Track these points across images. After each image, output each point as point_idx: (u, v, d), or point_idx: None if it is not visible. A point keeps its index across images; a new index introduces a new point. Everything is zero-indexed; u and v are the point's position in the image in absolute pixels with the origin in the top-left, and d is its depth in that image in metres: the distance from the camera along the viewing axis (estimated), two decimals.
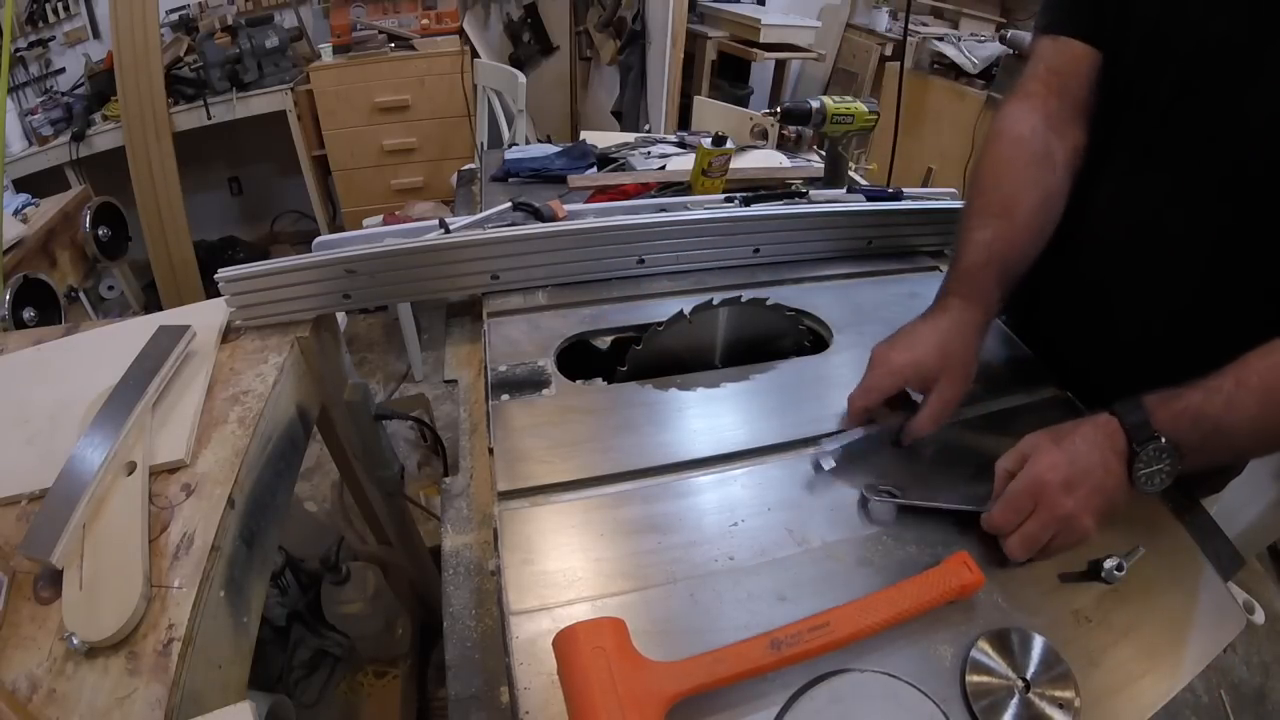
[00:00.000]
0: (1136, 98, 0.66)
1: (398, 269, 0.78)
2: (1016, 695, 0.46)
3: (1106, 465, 0.55)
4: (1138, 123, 0.66)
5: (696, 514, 0.57)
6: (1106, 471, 0.55)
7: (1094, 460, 0.55)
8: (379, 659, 1.23)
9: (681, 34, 2.49)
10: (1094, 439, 0.56)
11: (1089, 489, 0.54)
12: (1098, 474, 0.55)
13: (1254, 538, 1.51)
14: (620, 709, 0.39)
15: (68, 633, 0.48)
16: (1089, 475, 0.55)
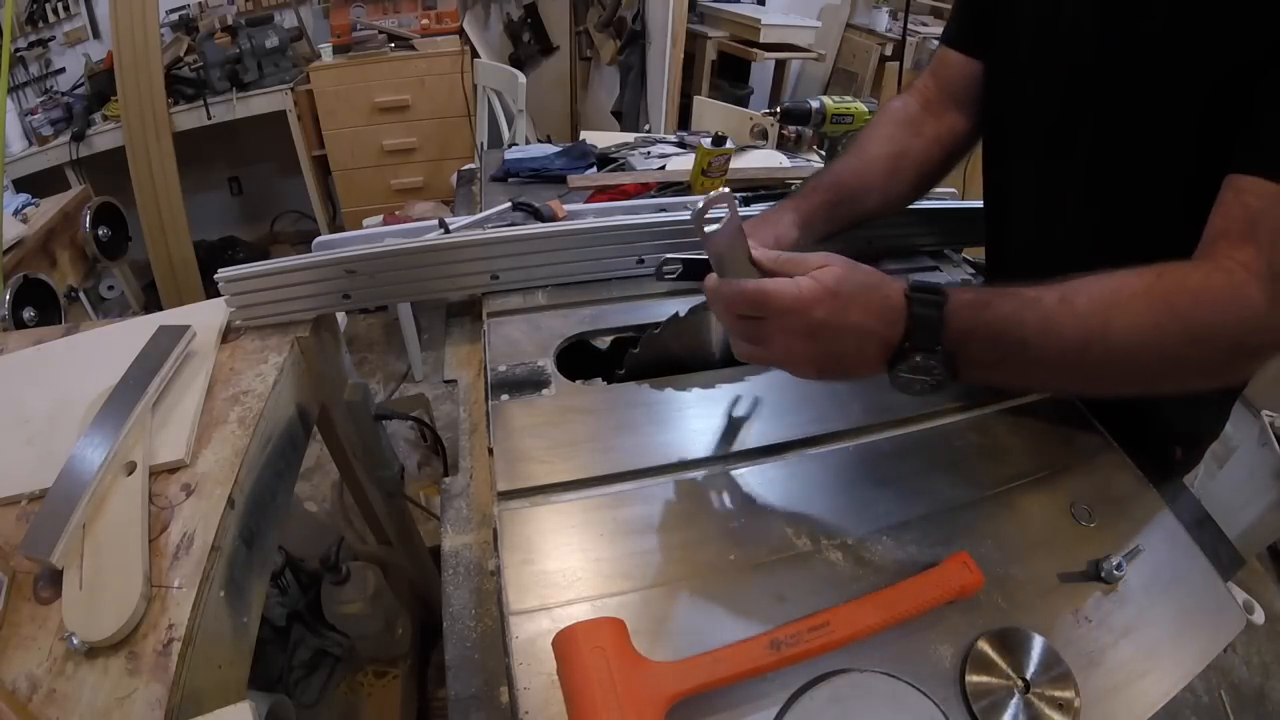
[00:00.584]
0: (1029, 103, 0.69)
1: (398, 269, 0.78)
2: (1016, 695, 0.46)
3: (863, 344, 0.50)
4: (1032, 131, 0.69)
5: (696, 514, 0.57)
6: (859, 348, 0.50)
7: (858, 333, 0.50)
8: (379, 659, 1.23)
9: (681, 34, 2.49)
10: (874, 312, 0.50)
11: (826, 352, 0.50)
12: (849, 345, 0.50)
13: (1254, 538, 1.52)
14: (620, 709, 0.39)
15: (68, 633, 0.48)
16: (840, 341, 0.50)
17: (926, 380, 0.51)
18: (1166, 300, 0.47)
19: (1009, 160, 0.76)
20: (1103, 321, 0.48)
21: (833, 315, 0.49)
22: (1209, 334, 0.47)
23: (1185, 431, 0.73)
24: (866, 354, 0.51)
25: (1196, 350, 0.48)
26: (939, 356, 0.49)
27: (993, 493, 0.60)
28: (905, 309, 0.50)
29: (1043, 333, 0.49)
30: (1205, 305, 0.47)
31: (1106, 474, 0.63)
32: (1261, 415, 1.51)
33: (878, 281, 0.51)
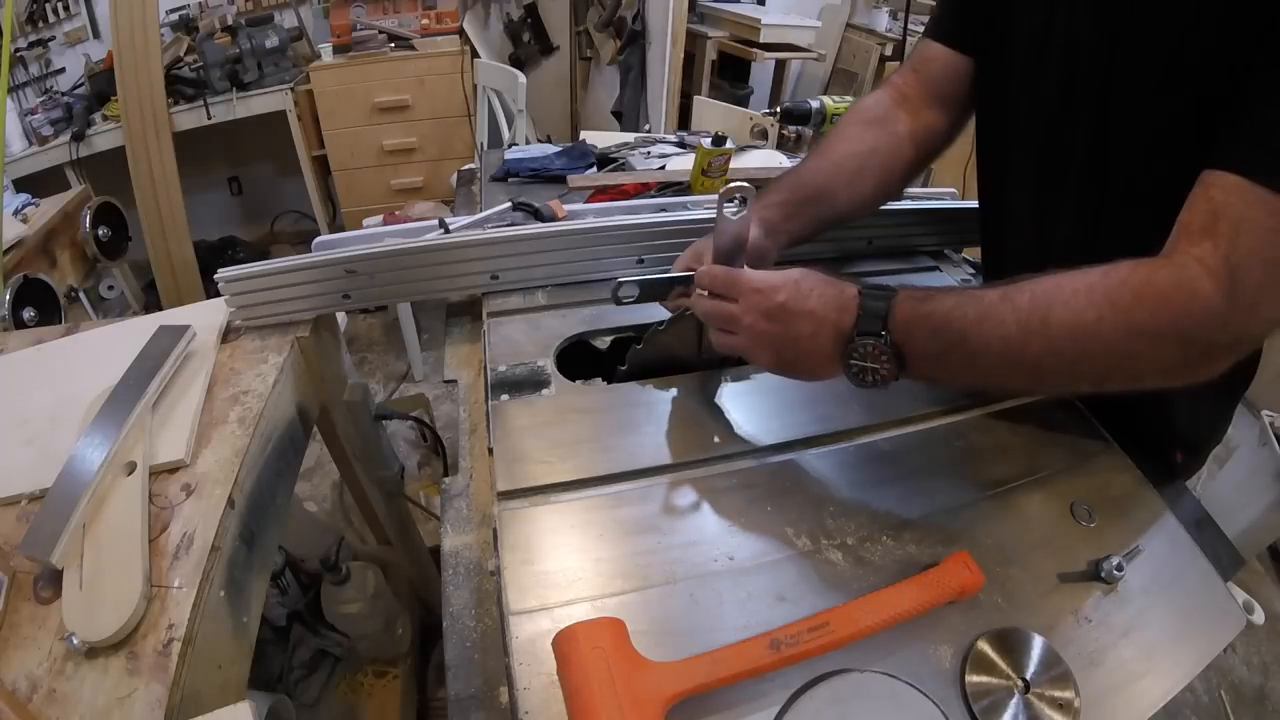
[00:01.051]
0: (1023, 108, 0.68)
1: (398, 269, 0.78)
2: (1016, 695, 0.46)
3: (817, 330, 0.54)
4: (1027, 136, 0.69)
5: (696, 514, 0.57)
6: (813, 335, 0.54)
7: (813, 319, 0.54)
8: (379, 659, 1.23)
9: (681, 34, 2.49)
10: (829, 302, 0.54)
11: (782, 335, 0.55)
12: (804, 329, 0.54)
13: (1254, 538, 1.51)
14: (620, 709, 0.39)
15: (68, 633, 0.48)
16: (796, 324, 0.54)
17: (876, 370, 0.53)
18: (1108, 295, 0.47)
19: (1005, 165, 0.75)
20: (1043, 316, 0.48)
21: (792, 299, 0.54)
22: (1152, 328, 0.47)
23: (1185, 434, 0.73)
24: (820, 341, 0.54)
25: (1140, 345, 0.47)
26: (886, 346, 0.52)
27: (993, 493, 0.60)
28: (857, 300, 0.54)
29: (981, 324, 0.50)
30: (1148, 300, 0.46)
31: (1106, 474, 0.63)
32: (1262, 415, 1.51)
33: (838, 282, 0.56)
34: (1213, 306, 0.45)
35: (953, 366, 0.52)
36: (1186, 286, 0.46)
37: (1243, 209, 0.45)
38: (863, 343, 0.52)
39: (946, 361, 0.52)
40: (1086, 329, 0.47)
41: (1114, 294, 0.47)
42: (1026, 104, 0.68)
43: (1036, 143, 0.68)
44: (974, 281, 0.94)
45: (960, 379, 0.54)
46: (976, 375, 0.53)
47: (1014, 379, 0.53)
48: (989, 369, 0.51)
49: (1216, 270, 0.45)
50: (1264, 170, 0.45)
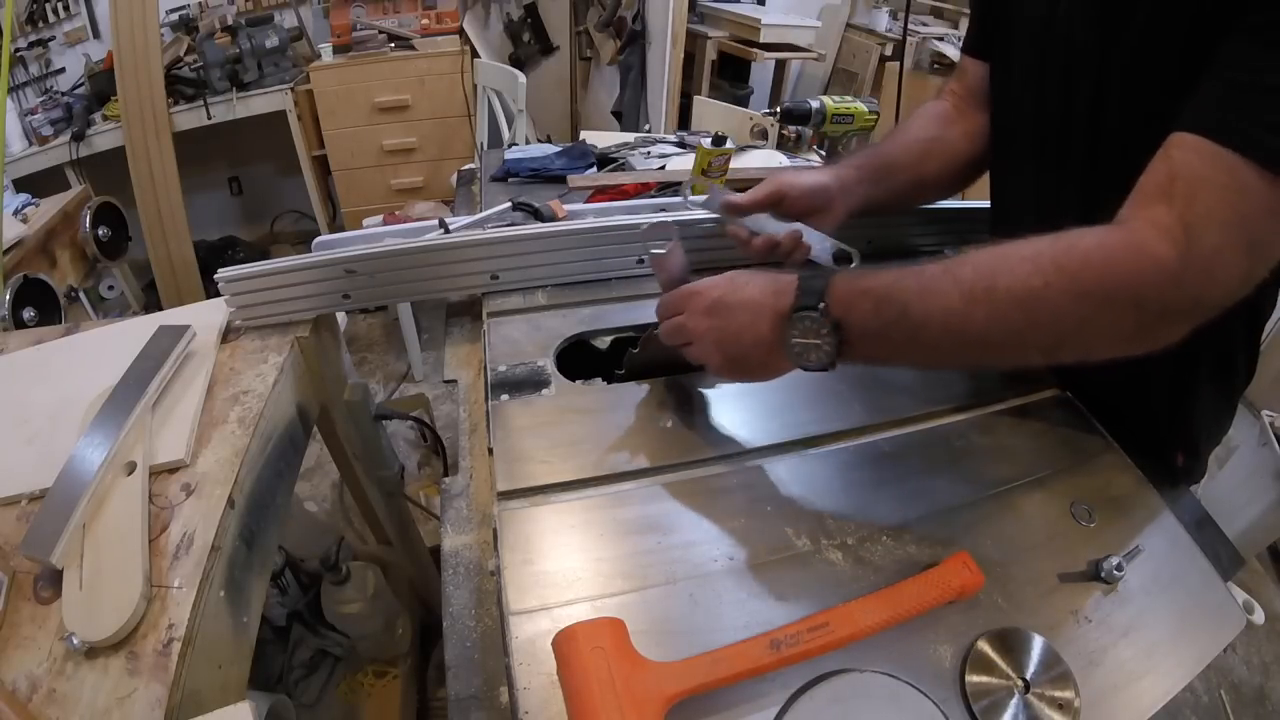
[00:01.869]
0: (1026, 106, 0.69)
1: (398, 269, 0.78)
2: (1016, 695, 0.46)
3: (756, 317, 0.54)
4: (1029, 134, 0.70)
5: (696, 514, 0.57)
6: (752, 322, 0.54)
7: (750, 307, 0.54)
8: (379, 659, 1.23)
9: (681, 34, 2.49)
10: (766, 289, 0.55)
11: (724, 329, 0.55)
12: (744, 320, 0.54)
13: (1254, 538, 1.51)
14: (620, 709, 0.39)
15: (68, 633, 0.48)
16: (734, 315, 0.55)
17: (818, 346, 0.52)
18: (1054, 260, 0.46)
19: (1009, 163, 0.76)
20: (987, 285, 0.47)
21: (728, 292, 0.56)
22: (1100, 292, 0.45)
23: (1185, 434, 0.73)
24: (759, 327, 0.54)
25: (1090, 309, 0.45)
26: (826, 322, 0.51)
27: (993, 493, 0.60)
28: (795, 282, 0.54)
29: (923, 296, 0.49)
30: (1097, 263, 0.45)
31: (1106, 475, 0.63)
32: (1262, 415, 1.51)
33: (776, 274, 0.56)
34: (1166, 267, 0.44)
35: (896, 341, 0.51)
36: (1138, 247, 0.45)
37: (1201, 168, 0.44)
38: (801, 318, 0.51)
39: (889, 337, 0.50)
40: (1033, 295, 0.46)
41: (1061, 259, 0.46)
42: (1028, 100, 0.68)
43: (1038, 138, 0.68)
44: None
45: (905, 356, 0.52)
46: (921, 351, 0.51)
47: (961, 353, 0.51)
48: (934, 343, 0.50)
49: (1171, 230, 0.44)
50: (1227, 131, 0.43)
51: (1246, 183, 0.42)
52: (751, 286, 0.56)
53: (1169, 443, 0.72)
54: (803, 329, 0.52)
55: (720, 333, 0.56)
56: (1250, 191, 0.43)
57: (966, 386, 0.71)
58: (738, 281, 0.56)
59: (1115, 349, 0.47)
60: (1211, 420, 0.75)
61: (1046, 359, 0.50)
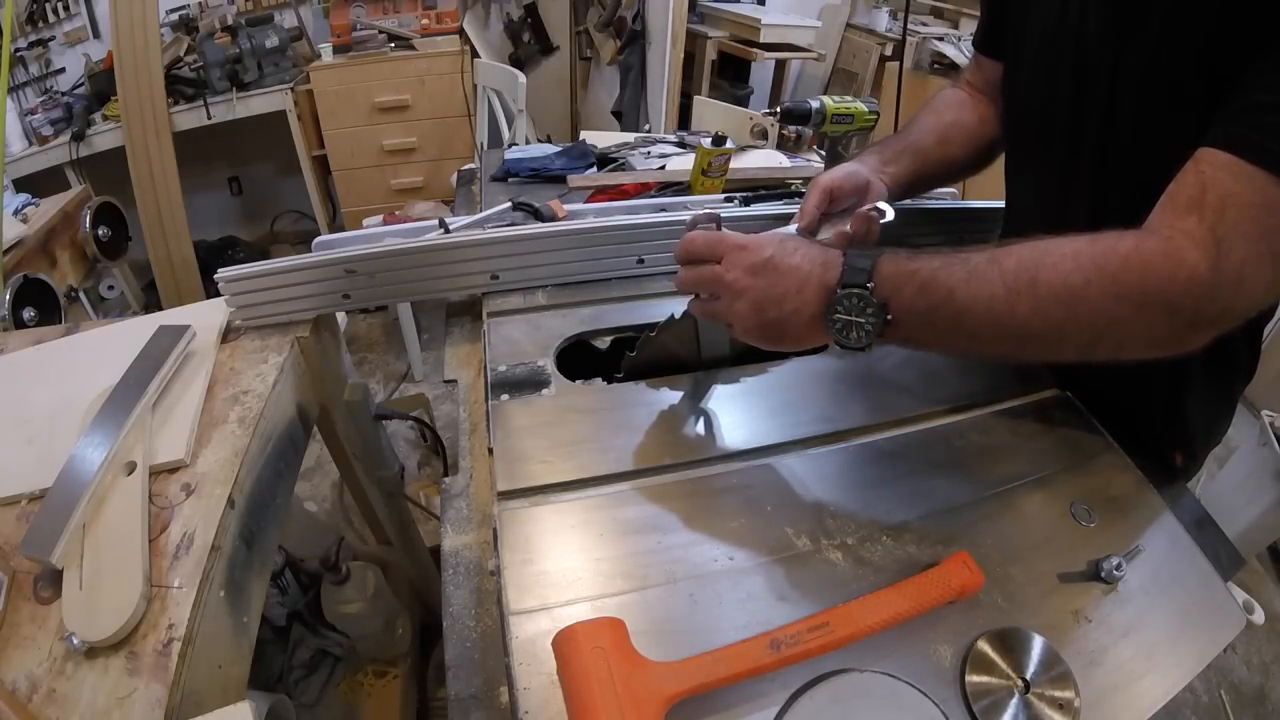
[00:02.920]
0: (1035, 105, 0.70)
1: (398, 269, 0.78)
2: (1016, 695, 0.46)
3: (802, 286, 0.53)
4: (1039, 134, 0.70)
5: (696, 513, 0.57)
6: (797, 291, 0.53)
7: (798, 274, 0.53)
8: (379, 659, 1.23)
9: (681, 34, 2.49)
10: (815, 258, 0.54)
11: (767, 291, 0.54)
12: (789, 286, 0.53)
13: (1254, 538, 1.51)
14: (620, 709, 0.39)
15: (68, 633, 0.48)
16: (781, 279, 0.53)
17: (861, 325, 0.52)
18: (1095, 260, 0.47)
19: (1019, 162, 0.77)
20: (1030, 279, 0.48)
21: (779, 254, 0.54)
22: (1139, 295, 0.47)
23: (1185, 435, 0.73)
24: (804, 297, 0.53)
25: (1126, 311, 0.47)
26: (871, 299, 0.51)
27: (993, 493, 0.60)
28: (842, 257, 0.54)
29: (969, 283, 0.49)
30: (1135, 267, 0.47)
31: (1106, 475, 0.63)
32: (1262, 415, 1.52)
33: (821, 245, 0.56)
34: (1199, 276, 0.45)
35: (939, 325, 0.51)
36: (1174, 256, 0.46)
37: (1231, 184, 0.46)
38: (847, 294, 0.51)
39: (933, 320, 0.51)
40: (1074, 292, 0.47)
41: (1101, 259, 0.47)
42: (1039, 101, 0.68)
43: (1047, 139, 0.68)
44: None
45: (945, 341, 0.53)
46: (962, 337, 0.52)
47: (1000, 342, 0.51)
48: (976, 330, 0.50)
49: (1203, 242, 0.46)
50: (1255, 150, 0.45)
51: (1273, 199, 0.44)
52: (799, 254, 0.54)
53: (1169, 442, 0.72)
54: (847, 305, 0.52)
55: (763, 297, 0.54)
56: (1276, 208, 0.45)
57: (966, 386, 0.71)
58: (788, 245, 0.55)
59: (1146, 351, 0.49)
60: (1211, 420, 0.75)
61: (1080, 355, 0.51)
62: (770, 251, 0.54)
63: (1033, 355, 0.53)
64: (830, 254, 0.54)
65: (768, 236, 0.56)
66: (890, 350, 0.67)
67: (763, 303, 0.54)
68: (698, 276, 0.58)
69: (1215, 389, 0.72)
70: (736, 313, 0.55)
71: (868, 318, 0.52)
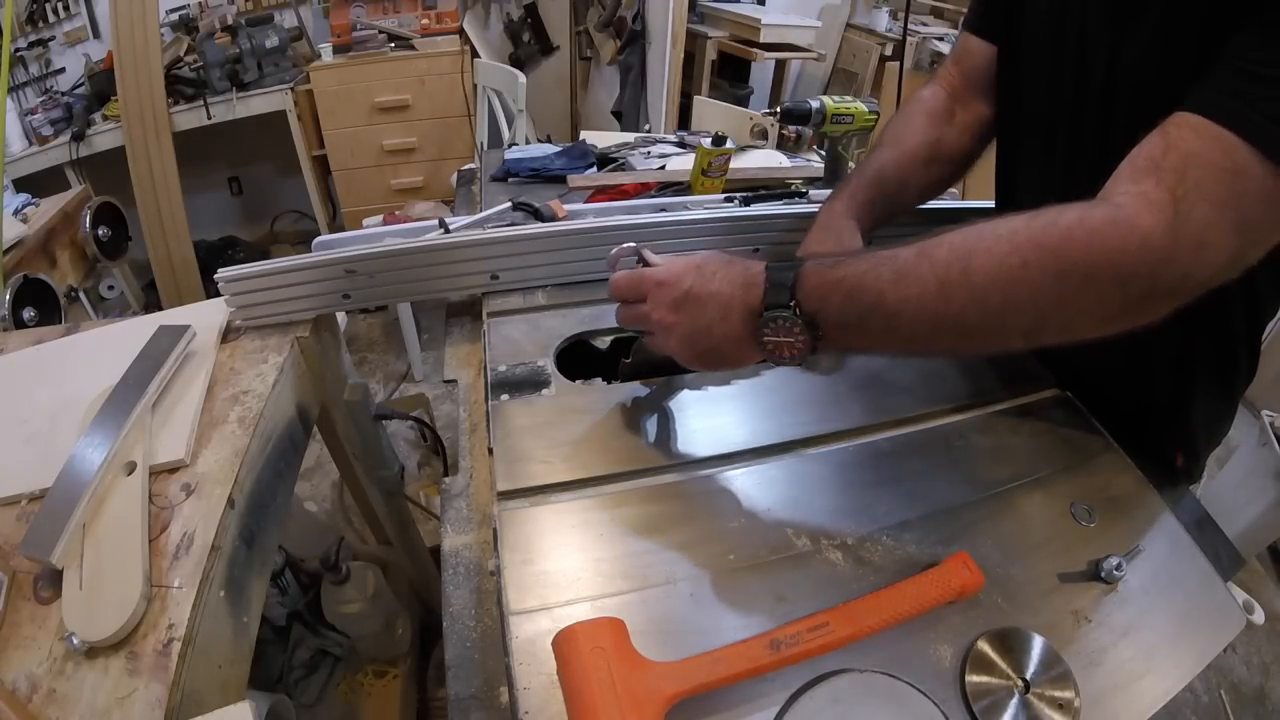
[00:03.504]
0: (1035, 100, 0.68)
1: (398, 269, 0.78)
2: (1016, 695, 0.46)
3: (726, 312, 0.52)
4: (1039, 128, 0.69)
5: (696, 514, 0.57)
6: (722, 318, 0.52)
7: (718, 301, 0.52)
8: (379, 659, 1.23)
9: (681, 34, 2.49)
10: (735, 280, 0.52)
11: (693, 324, 0.53)
12: (714, 315, 0.52)
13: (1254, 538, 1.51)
14: (619, 709, 0.39)
15: (68, 633, 0.48)
16: (704, 310, 0.53)
17: (791, 344, 0.50)
18: (1033, 238, 0.44)
19: (1016, 156, 0.76)
20: (963, 267, 0.45)
21: (697, 284, 0.53)
22: (1083, 269, 0.43)
23: (1185, 435, 0.73)
24: (729, 323, 0.52)
25: (1071, 288, 0.44)
26: (799, 317, 0.49)
27: (993, 493, 0.60)
28: (763, 274, 0.52)
29: (898, 283, 0.47)
30: (1079, 240, 0.43)
31: (1107, 475, 0.63)
32: (1262, 415, 1.52)
33: (744, 260, 0.54)
34: (1153, 240, 0.42)
35: (872, 332, 0.49)
36: (1124, 222, 0.43)
37: (1199, 146, 0.43)
38: (772, 316, 0.50)
39: (865, 327, 0.49)
40: (1011, 275, 0.44)
41: (1040, 236, 0.44)
42: (1038, 92, 0.68)
43: (1048, 131, 0.67)
44: None
45: (882, 345, 0.50)
46: (898, 340, 0.49)
47: (939, 339, 0.48)
48: (911, 331, 0.48)
49: (1159, 203, 0.42)
50: (1230, 114, 0.42)
51: (1243, 165, 0.41)
52: (719, 278, 0.53)
53: (1169, 442, 0.72)
54: (775, 327, 0.50)
55: (689, 328, 0.54)
56: (1246, 174, 0.42)
57: (966, 386, 0.71)
58: (706, 271, 0.54)
59: (1099, 328, 0.46)
60: (1212, 420, 0.75)
61: (1028, 342, 0.48)
62: (688, 283, 0.54)
63: (977, 348, 0.51)
64: (752, 272, 0.52)
65: (684, 265, 0.55)
66: None
67: (691, 336, 0.54)
68: (632, 315, 0.59)
69: (1216, 389, 0.72)
70: (673, 348, 0.56)
71: (796, 336, 0.50)
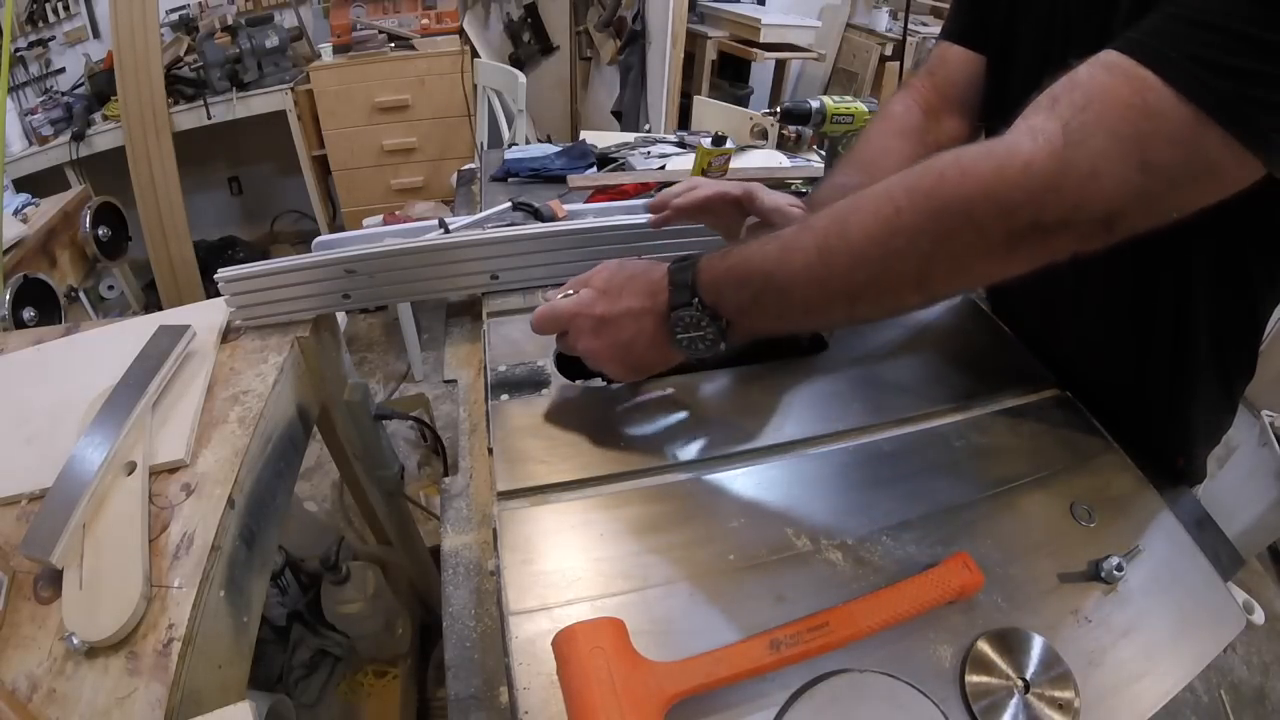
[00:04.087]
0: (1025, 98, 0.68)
1: (397, 269, 0.78)
2: (1016, 696, 0.46)
3: (640, 323, 0.55)
4: None
5: (696, 513, 0.57)
6: (639, 330, 0.55)
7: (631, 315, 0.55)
8: (379, 659, 1.23)
9: (681, 34, 2.49)
10: (642, 290, 0.55)
11: (614, 342, 0.56)
12: (631, 330, 0.56)
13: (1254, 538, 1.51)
14: (619, 709, 0.39)
15: (68, 633, 0.48)
16: (621, 328, 0.56)
17: (702, 337, 0.53)
18: (906, 184, 0.44)
19: None
20: (840, 229, 0.45)
21: (609, 308, 0.56)
22: (959, 203, 0.41)
23: (1185, 435, 0.73)
24: (646, 331, 0.55)
25: (948, 224, 0.42)
26: (703, 311, 0.52)
27: (993, 493, 0.60)
28: (666, 279, 0.54)
29: (783, 258, 0.48)
30: (951, 177, 0.42)
31: (1107, 475, 0.63)
32: (1262, 415, 1.52)
33: (645, 268, 0.57)
34: (1035, 167, 0.40)
35: (770, 311, 0.50)
36: (1002, 153, 0.41)
37: (1109, 81, 0.40)
38: (679, 316, 0.53)
39: (762, 308, 0.50)
40: (888, 225, 0.43)
41: (914, 181, 0.44)
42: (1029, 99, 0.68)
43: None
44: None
45: (784, 323, 0.51)
46: (796, 314, 0.50)
47: (834, 307, 0.48)
48: (805, 303, 0.48)
49: (1046, 132, 0.40)
50: (1148, 51, 0.39)
51: (1155, 105, 0.39)
52: (627, 294, 0.56)
53: (1169, 443, 0.72)
54: (684, 324, 0.53)
55: (611, 347, 0.57)
56: (1156, 114, 0.39)
57: (966, 386, 0.71)
58: (611, 292, 0.57)
59: (994, 267, 0.44)
60: (1212, 420, 0.75)
61: (923, 293, 0.46)
62: (600, 309, 0.56)
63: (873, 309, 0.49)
64: (655, 278, 0.55)
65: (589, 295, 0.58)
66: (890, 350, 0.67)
67: (616, 353, 0.57)
68: (562, 345, 0.62)
69: (1216, 389, 0.71)
70: (605, 368, 0.59)
71: (704, 329, 0.52)
